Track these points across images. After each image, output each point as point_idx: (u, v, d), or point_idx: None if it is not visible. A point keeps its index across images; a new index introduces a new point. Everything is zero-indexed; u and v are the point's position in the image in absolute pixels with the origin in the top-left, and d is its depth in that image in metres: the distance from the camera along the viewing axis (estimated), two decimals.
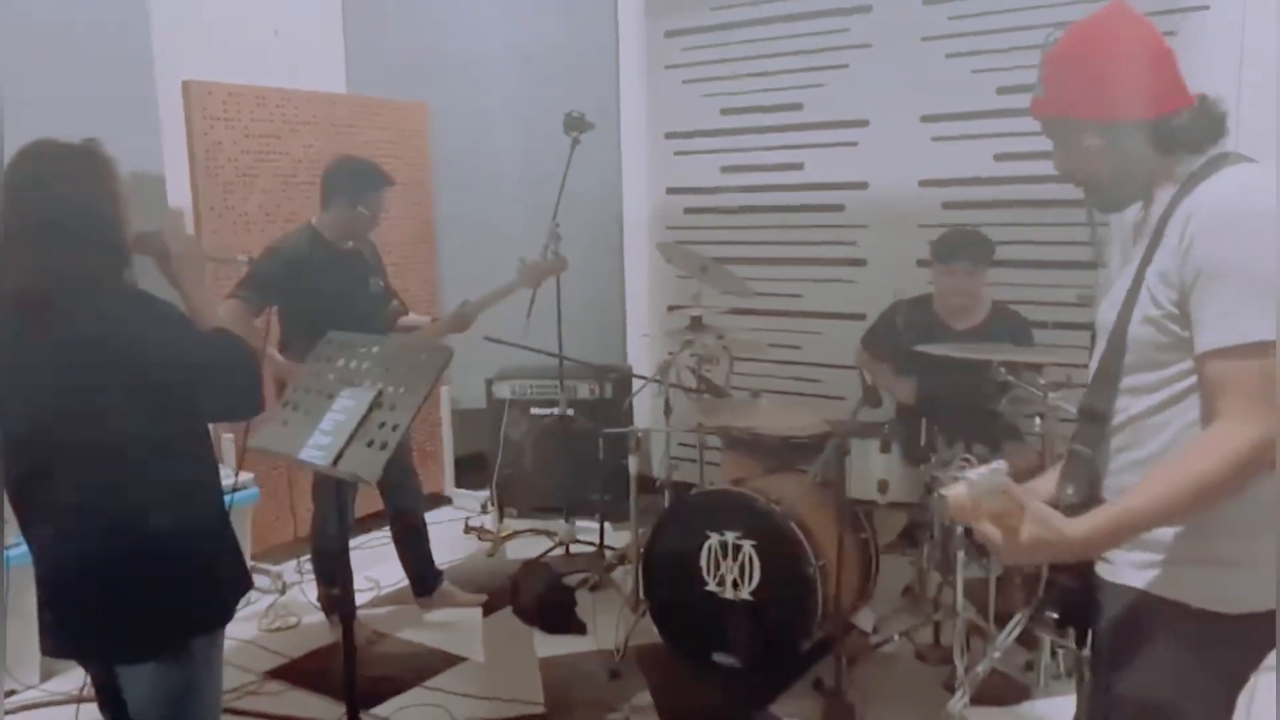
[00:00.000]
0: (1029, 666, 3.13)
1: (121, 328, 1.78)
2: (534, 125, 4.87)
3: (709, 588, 3.15)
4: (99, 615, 1.84)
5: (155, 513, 1.83)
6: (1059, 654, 3.06)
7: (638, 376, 4.70)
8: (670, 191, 4.99)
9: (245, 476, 3.76)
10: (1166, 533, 1.46)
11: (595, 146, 4.29)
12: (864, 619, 3.40)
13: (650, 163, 5.02)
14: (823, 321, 4.63)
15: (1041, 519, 1.36)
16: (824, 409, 4.07)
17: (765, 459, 3.57)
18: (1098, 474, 1.56)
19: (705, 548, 3.15)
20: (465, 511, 5.03)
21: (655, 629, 3.32)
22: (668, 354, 3.87)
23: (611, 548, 4.28)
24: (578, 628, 3.63)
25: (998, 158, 4.06)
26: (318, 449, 2.06)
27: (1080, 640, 1.63)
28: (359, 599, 3.48)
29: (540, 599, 3.72)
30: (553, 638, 3.59)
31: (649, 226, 5.04)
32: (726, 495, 3.24)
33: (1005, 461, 1.36)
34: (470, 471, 5.19)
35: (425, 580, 3.84)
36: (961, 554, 3.04)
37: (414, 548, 3.82)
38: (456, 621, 3.75)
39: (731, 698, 3.10)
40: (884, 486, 3.10)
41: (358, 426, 2.04)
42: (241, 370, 1.91)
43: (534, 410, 4.79)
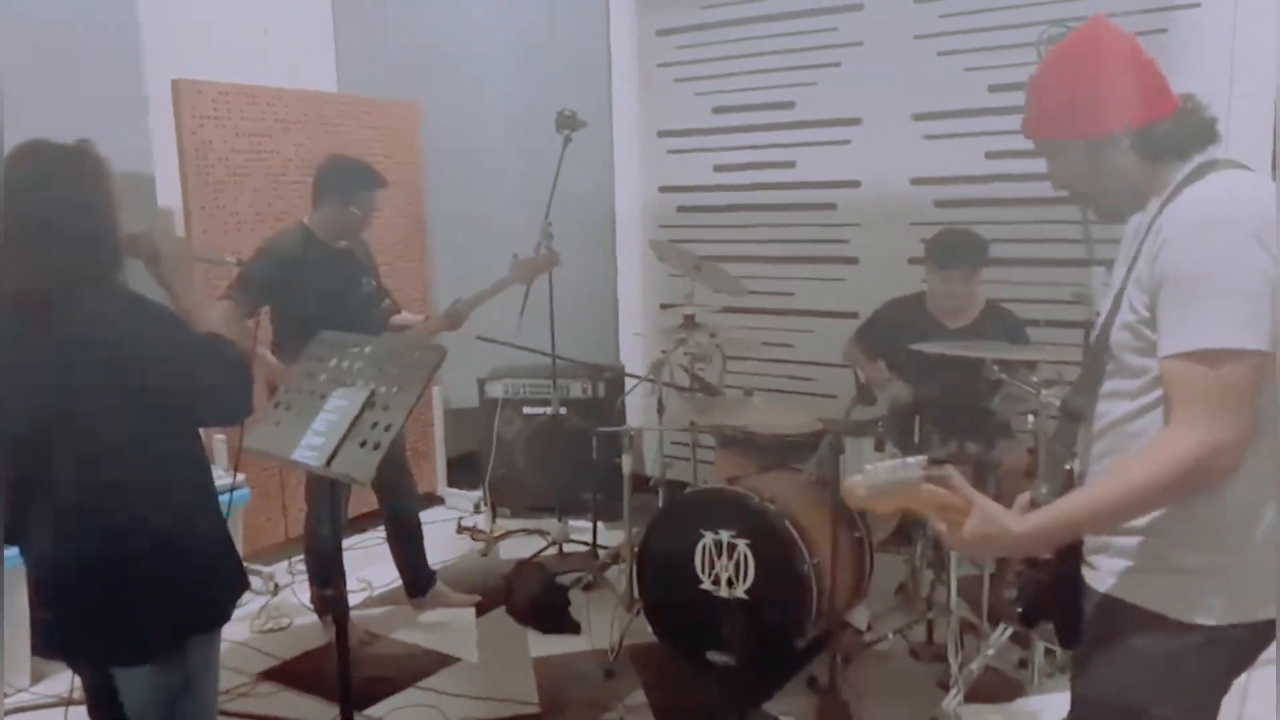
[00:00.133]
0: (1022, 664, 3.15)
1: (115, 329, 1.77)
2: (526, 124, 4.86)
3: (703, 586, 3.15)
4: (96, 617, 1.83)
5: (150, 513, 1.83)
6: (1054, 652, 3.07)
7: (631, 375, 4.69)
8: (663, 190, 4.99)
9: (238, 476, 3.74)
10: (1146, 541, 1.47)
11: (587, 145, 4.28)
12: (858, 617, 3.40)
13: (642, 161, 5.02)
14: (815, 320, 4.63)
15: (986, 515, 1.41)
16: (817, 407, 4.08)
17: (759, 457, 3.57)
18: (1072, 474, 1.59)
19: (699, 546, 3.15)
20: (458, 511, 5.01)
21: (649, 628, 3.32)
22: (661, 352, 3.87)
23: (605, 547, 4.27)
24: (572, 627, 3.63)
25: (989, 155, 4.06)
26: (310, 449, 2.05)
27: (1062, 639, 1.65)
28: (351, 600, 3.47)
29: (534, 599, 3.72)
30: (547, 637, 3.59)
31: (641, 225, 5.04)
32: (720, 494, 3.24)
33: (924, 458, 1.41)
34: (463, 471, 5.18)
35: (419, 580, 3.83)
36: (955, 552, 3.05)
37: (409, 548, 3.81)
38: (450, 622, 3.74)
39: (726, 696, 3.10)
40: None
41: (350, 427, 2.03)
42: (232, 374, 1.90)
43: (527, 409, 4.78)
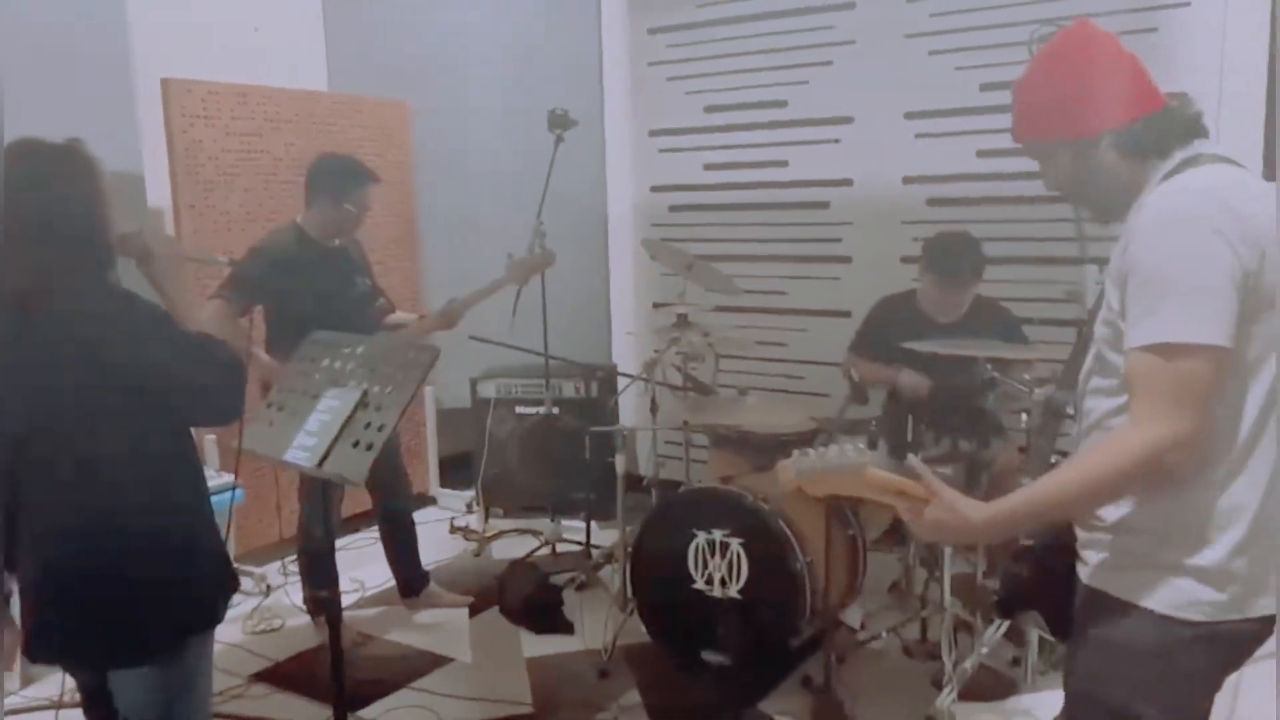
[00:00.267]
0: (1016, 662, 3.15)
1: (107, 329, 1.76)
2: (517, 123, 4.85)
3: (697, 586, 3.14)
4: (90, 620, 1.82)
5: (144, 514, 1.81)
6: (1047, 650, 3.08)
7: (623, 374, 4.69)
8: (655, 189, 4.98)
9: (228, 478, 3.73)
10: (1136, 537, 1.47)
11: (579, 144, 4.27)
12: (852, 616, 3.40)
13: (634, 160, 5.01)
14: (808, 318, 4.63)
15: (947, 503, 1.45)
16: (810, 406, 4.07)
17: (752, 456, 3.57)
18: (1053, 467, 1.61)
19: (693, 546, 3.15)
20: (450, 511, 5.01)
21: (643, 628, 3.31)
22: (653, 352, 3.86)
23: (598, 546, 4.26)
24: (565, 627, 3.62)
25: (981, 154, 4.06)
26: (303, 450, 2.04)
27: (1052, 630, 1.67)
28: (344, 600, 3.46)
29: (527, 599, 3.71)
30: (540, 638, 3.58)
31: (633, 224, 5.03)
32: (714, 493, 3.24)
33: (869, 450, 1.47)
34: (455, 471, 5.17)
35: (412, 581, 3.82)
36: (948, 550, 3.06)
37: (403, 548, 3.80)
38: (443, 622, 3.73)
39: (720, 696, 3.10)
40: None
41: (343, 427, 2.02)
42: (223, 374, 1.88)
43: (519, 409, 4.78)
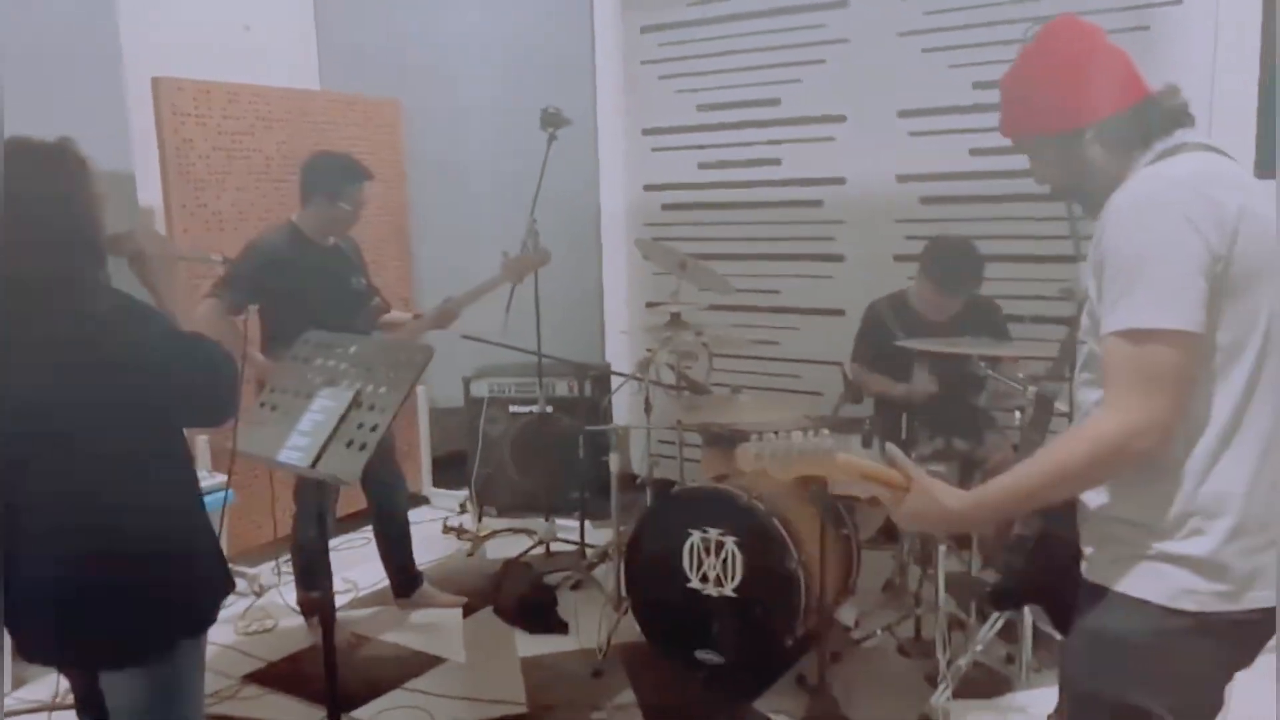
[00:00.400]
0: (1010, 659, 3.15)
1: (100, 329, 1.75)
2: (510, 121, 4.83)
3: (691, 585, 3.14)
4: (82, 621, 1.81)
5: (136, 515, 1.80)
6: (1042, 647, 3.08)
7: (617, 374, 4.68)
8: (648, 188, 4.98)
9: (221, 478, 3.71)
10: (1131, 529, 1.46)
11: (572, 143, 4.26)
12: (846, 614, 3.40)
13: (627, 159, 5.01)
14: (801, 317, 4.63)
15: (925, 491, 1.47)
16: (804, 404, 4.07)
17: None
18: None
19: (687, 545, 3.14)
20: (444, 511, 4.99)
21: (638, 627, 3.30)
22: (647, 351, 3.85)
23: (592, 546, 4.25)
24: (559, 627, 3.62)
25: (974, 152, 4.07)
26: (296, 450, 2.03)
27: (1054, 624, 1.66)
28: (337, 601, 3.45)
29: (521, 598, 3.71)
30: (534, 637, 3.57)
31: (627, 223, 5.03)
32: (708, 492, 3.23)
33: (838, 436, 1.47)
34: (448, 471, 5.16)
35: (406, 581, 3.81)
36: (942, 548, 3.06)
37: (398, 548, 3.79)
38: (437, 622, 3.72)
39: (715, 695, 3.10)
40: None
41: (336, 427, 2.01)
42: (216, 374, 1.87)
43: (513, 408, 4.77)
